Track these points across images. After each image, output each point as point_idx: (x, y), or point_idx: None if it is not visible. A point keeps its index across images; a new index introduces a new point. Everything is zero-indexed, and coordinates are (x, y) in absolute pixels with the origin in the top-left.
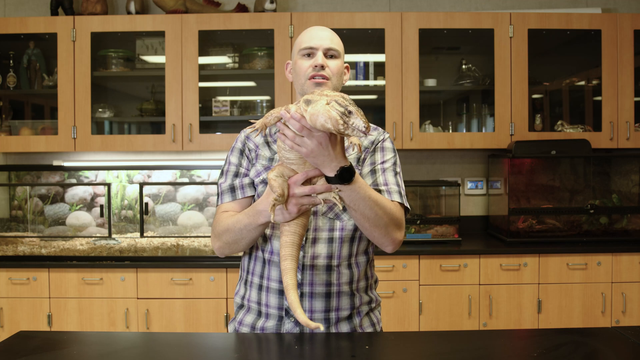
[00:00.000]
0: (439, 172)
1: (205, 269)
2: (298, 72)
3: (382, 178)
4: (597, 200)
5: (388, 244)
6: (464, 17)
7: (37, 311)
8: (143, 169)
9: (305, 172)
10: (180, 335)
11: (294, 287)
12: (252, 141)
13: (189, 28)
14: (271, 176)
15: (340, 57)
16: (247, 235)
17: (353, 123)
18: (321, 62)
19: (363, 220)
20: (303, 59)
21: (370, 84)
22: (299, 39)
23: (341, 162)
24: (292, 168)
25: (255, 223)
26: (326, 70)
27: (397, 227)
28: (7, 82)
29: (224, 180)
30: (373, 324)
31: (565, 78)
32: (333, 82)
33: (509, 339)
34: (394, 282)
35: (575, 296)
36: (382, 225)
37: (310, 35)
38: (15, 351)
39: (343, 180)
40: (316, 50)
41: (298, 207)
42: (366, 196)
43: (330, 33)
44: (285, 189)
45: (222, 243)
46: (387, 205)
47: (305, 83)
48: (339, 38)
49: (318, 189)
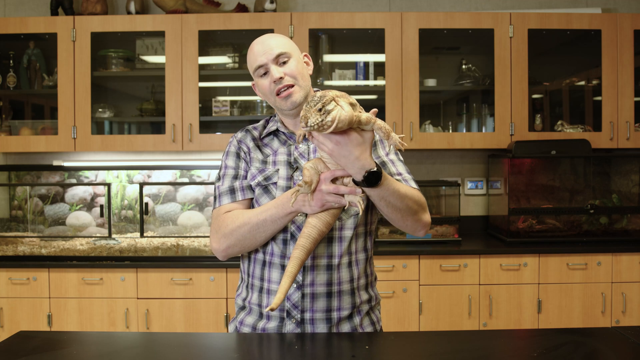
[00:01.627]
0: (439, 172)
1: (205, 269)
2: (264, 92)
3: (395, 169)
4: (597, 200)
5: (420, 228)
6: (464, 17)
7: (37, 311)
8: (143, 169)
9: (333, 170)
10: (180, 335)
11: (292, 275)
12: (245, 145)
13: (189, 28)
14: (306, 165)
15: (293, 55)
16: (270, 227)
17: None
18: (277, 76)
19: (395, 213)
20: (262, 79)
21: (370, 84)
22: (249, 60)
23: (366, 166)
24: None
25: (283, 212)
26: (285, 78)
27: (424, 211)
28: (7, 82)
29: (222, 183)
30: (373, 323)
31: (565, 78)
32: (299, 82)
33: (509, 339)
34: (394, 282)
35: (575, 296)
36: (413, 213)
37: (255, 54)
38: (15, 351)
39: (370, 183)
40: (267, 65)
41: (322, 203)
42: (395, 191)
43: (273, 38)
44: (314, 180)
45: (234, 241)
46: (414, 194)
47: (275, 101)
48: (283, 37)
49: (342, 189)
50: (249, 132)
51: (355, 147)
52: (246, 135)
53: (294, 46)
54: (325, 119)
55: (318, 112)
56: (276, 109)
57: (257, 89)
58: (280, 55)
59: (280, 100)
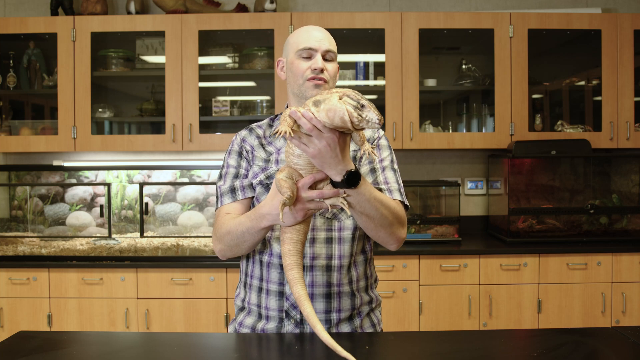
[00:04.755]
0: (439, 172)
1: (205, 269)
2: (295, 73)
3: (382, 177)
4: (597, 200)
5: (392, 242)
6: (464, 17)
7: (37, 311)
8: (143, 169)
9: (312, 175)
10: (180, 335)
11: (307, 297)
12: (248, 143)
13: (189, 28)
14: (280, 177)
15: (335, 59)
16: (249, 239)
17: (367, 116)
18: (321, 66)
19: (368, 222)
20: (301, 60)
21: (370, 84)
22: (296, 38)
23: (347, 166)
24: (301, 173)
25: (257, 227)
26: (324, 73)
27: (401, 225)
28: (7, 82)
29: (223, 182)
30: (374, 325)
31: (565, 78)
32: (330, 84)
33: (509, 339)
34: (394, 282)
35: (575, 296)
36: (387, 224)
37: (309, 36)
38: (15, 351)
39: (350, 184)
40: (315, 52)
41: (304, 212)
42: (372, 197)
43: (328, 34)
44: (294, 191)
45: (224, 246)
46: (391, 205)
47: (303, 84)
48: (333, 39)
49: (326, 193)
50: (253, 130)
51: (343, 148)
52: (250, 133)
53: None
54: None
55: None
56: (293, 95)
57: (287, 67)
58: (329, 52)
59: (309, 85)
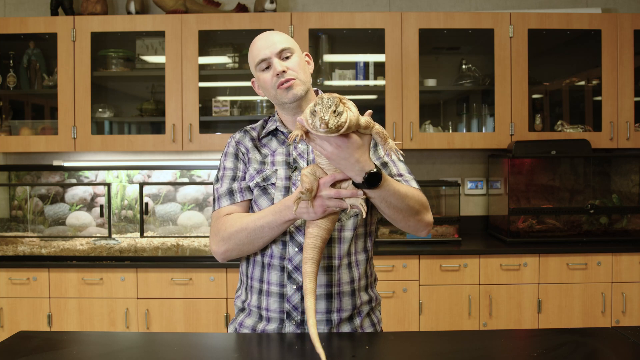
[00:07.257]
0: (439, 172)
1: (205, 269)
2: (265, 87)
3: (395, 169)
4: (597, 200)
5: (422, 228)
6: (464, 17)
7: (37, 311)
8: (143, 169)
9: (333, 174)
10: (180, 335)
11: (313, 291)
12: (243, 145)
13: (189, 28)
14: (304, 172)
15: (295, 51)
16: (268, 234)
17: (312, 122)
18: (280, 69)
19: (397, 214)
20: (263, 73)
21: (370, 84)
22: (250, 55)
23: (366, 167)
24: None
25: (280, 219)
26: (288, 72)
27: (427, 211)
28: (7, 82)
29: (220, 185)
30: (374, 324)
31: (565, 78)
32: (300, 77)
33: (509, 339)
34: (394, 282)
35: (575, 296)
36: (414, 213)
37: (258, 48)
38: (15, 351)
39: (370, 185)
40: (270, 59)
41: (324, 208)
42: (396, 191)
43: (276, 34)
44: (314, 187)
45: (232, 245)
46: (415, 194)
47: (277, 93)
48: (285, 35)
49: (344, 193)
50: (247, 132)
51: (356, 150)
52: (244, 135)
53: (295, 44)
54: (339, 121)
55: (333, 114)
56: (276, 104)
57: (258, 84)
58: (284, 51)
59: (281, 92)
